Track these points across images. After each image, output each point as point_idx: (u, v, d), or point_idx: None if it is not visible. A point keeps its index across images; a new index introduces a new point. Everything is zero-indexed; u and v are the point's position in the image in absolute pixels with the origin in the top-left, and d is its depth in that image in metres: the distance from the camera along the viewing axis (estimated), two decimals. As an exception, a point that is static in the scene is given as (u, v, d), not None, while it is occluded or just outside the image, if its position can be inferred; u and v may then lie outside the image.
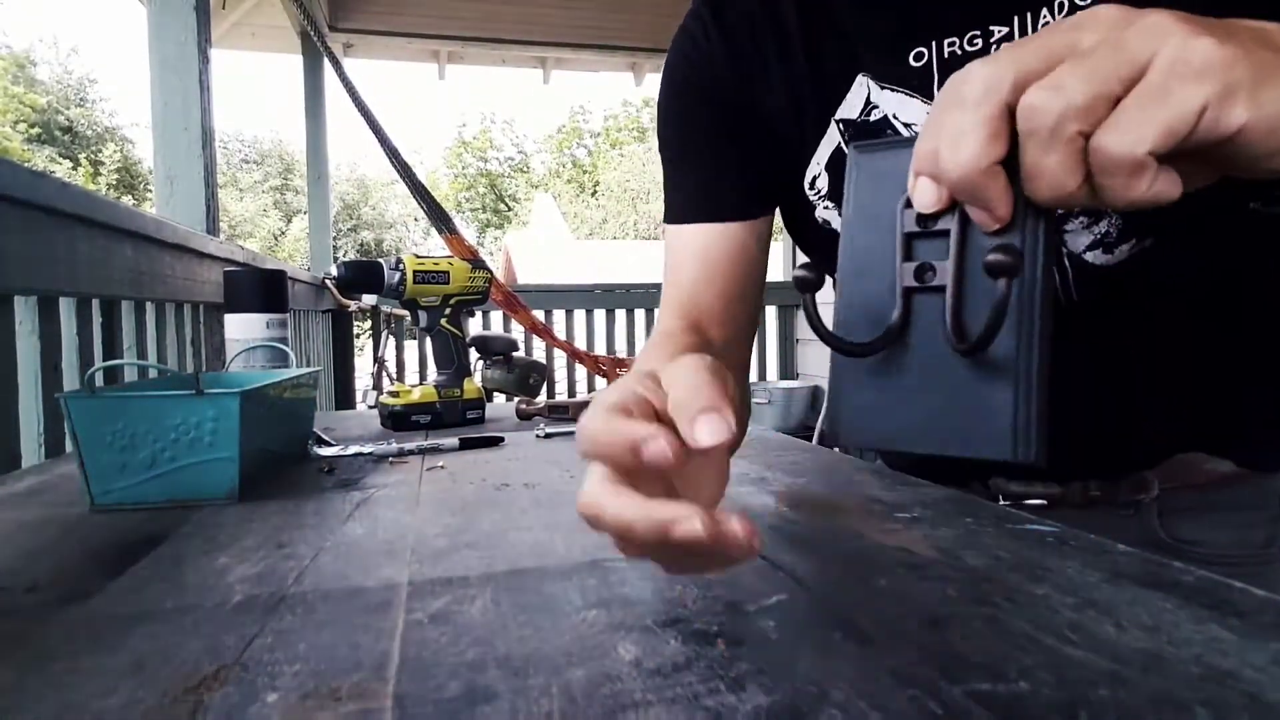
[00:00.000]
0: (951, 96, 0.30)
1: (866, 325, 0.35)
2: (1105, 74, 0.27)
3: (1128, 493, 0.61)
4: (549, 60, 4.46)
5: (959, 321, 0.32)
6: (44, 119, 19.99)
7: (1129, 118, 0.27)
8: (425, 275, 0.95)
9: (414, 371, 3.63)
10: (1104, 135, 0.28)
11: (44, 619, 0.34)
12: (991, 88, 0.29)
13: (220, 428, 0.55)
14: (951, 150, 0.30)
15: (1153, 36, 0.27)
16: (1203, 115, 0.27)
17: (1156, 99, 0.27)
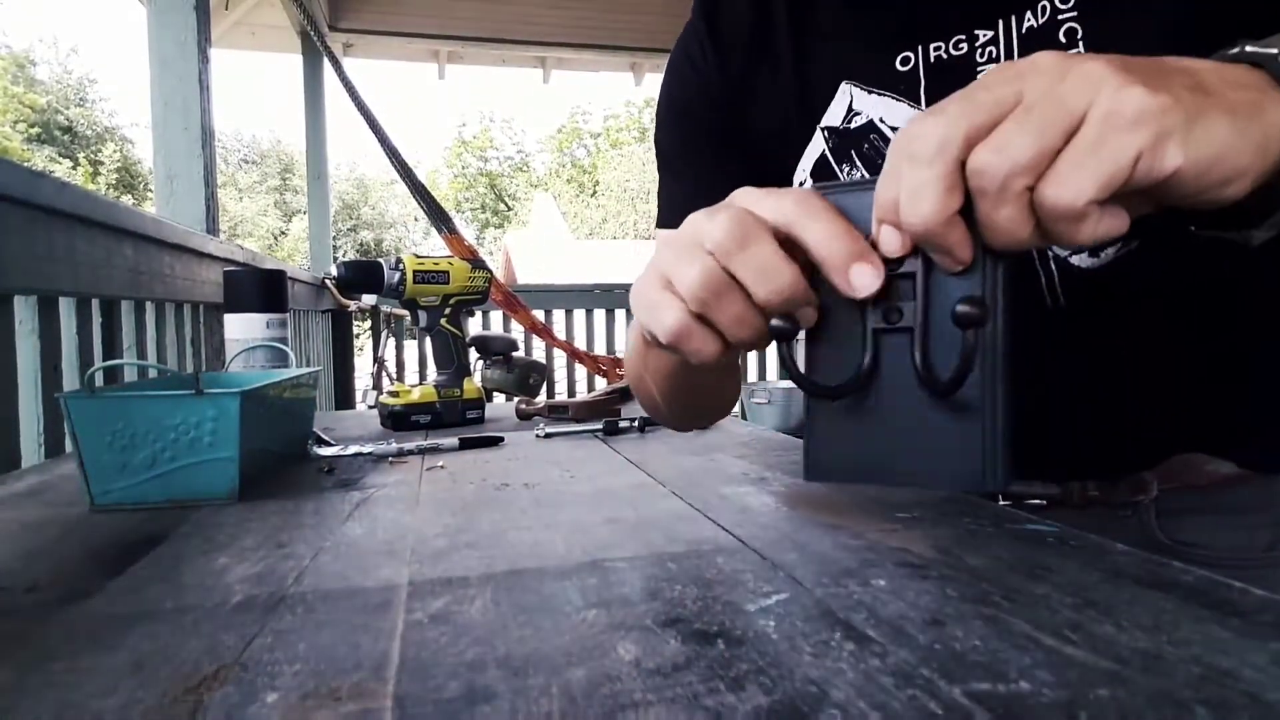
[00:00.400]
0: (905, 150, 0.32)
1: (837, 364, 0.37)
2: (1045, 130, 0.29)
3: (1126, 493, 0.61)
4: (549, 60, 4.46)
5: (927, 362, 0.35)
6: (44, 119, 19.99)
7: (1069, 171, 0.29)
8: (425, 275, 0.95)
9: (414, 371, 3.63)
10: (1047, 189, 0.30)
11: (44, 619, 0.34)
12: (944, 145, 0.31)
13: (220, 428, 0.55)
14: (912, 203, 0.32)
15: (1088, 87, 0.29)
16: (1138, 163, 0.28)
17: (1093, 151, 0.28)
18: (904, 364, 0.35)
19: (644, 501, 0.54)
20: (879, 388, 0.36)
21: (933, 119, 0.31)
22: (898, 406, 0.36)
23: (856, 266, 0.34)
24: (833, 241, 0.35)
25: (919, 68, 0.55)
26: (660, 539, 0.44)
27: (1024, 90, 0.30)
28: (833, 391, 0.36)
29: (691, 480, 0.60)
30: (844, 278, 0.35)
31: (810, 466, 0.38)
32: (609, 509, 0.52)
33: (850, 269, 0.34)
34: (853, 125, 0.58)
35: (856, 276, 0.35)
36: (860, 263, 0.34)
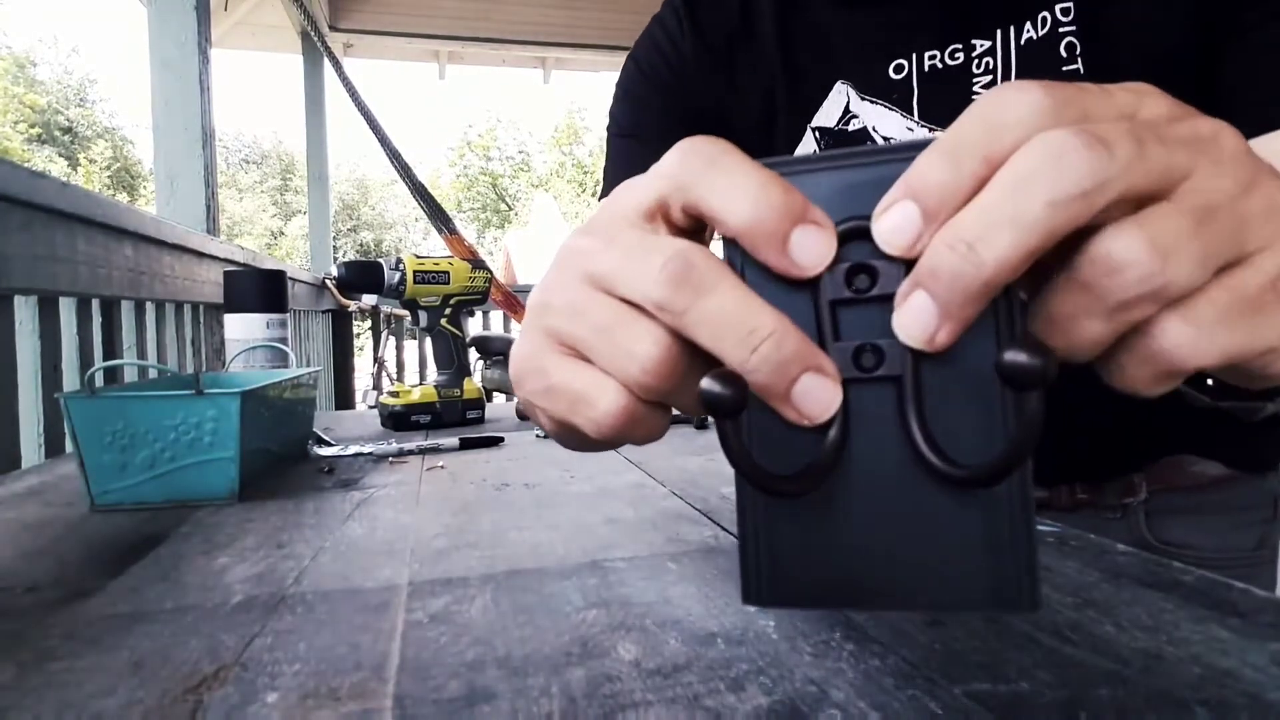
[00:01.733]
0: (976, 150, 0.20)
1: (783, 434, 0.23)
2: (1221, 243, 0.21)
3: (1115, 496, 0.61)
4: (549, 60, 4.46)
5: (929, 430, 0.22)
6: (44, 119, 20.00)
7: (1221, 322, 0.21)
8: (425, 275, 0.95)
9: (414, 371, 3.63)
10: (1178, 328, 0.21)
11: (44, 619, 0.34)
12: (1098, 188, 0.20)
13: (220, 428, 0.55)
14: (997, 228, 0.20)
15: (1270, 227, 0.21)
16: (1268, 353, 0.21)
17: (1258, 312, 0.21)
18: (887, 429, 0.23)
19: (644, 501, 0.54)
20: (851, 463, 0.23)
21: (1090, 150, 0.19)
22: (879, 493, 0.23)
23: (802, 233, 0.22)
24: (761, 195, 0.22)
25: (912, 76, 0.53)
26: (660, 539, 0.44)
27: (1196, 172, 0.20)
28: (793, 485, 0.23)
29: (691, 480, 0.60)
30: (781, 249, 0.22)
31: (752, 586, 0.24)
32: (609, 509, 0.52)
33: (794, 233, 0.22)
34: (849, 128, 0.57)
35: (801, 243, 0.22)
36: (806, 225, 0.22)
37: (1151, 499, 0.60)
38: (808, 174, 0.23)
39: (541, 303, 0.26)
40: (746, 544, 0.24)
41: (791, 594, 0.24)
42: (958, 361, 0.22)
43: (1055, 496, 0.63)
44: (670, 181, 0.23)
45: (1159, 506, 0.60)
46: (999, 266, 0.19)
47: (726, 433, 0.22)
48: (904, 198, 0.21)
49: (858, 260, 0.22)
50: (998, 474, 0.21)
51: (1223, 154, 0.21)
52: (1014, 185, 0.19)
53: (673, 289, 0.22)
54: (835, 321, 0.23)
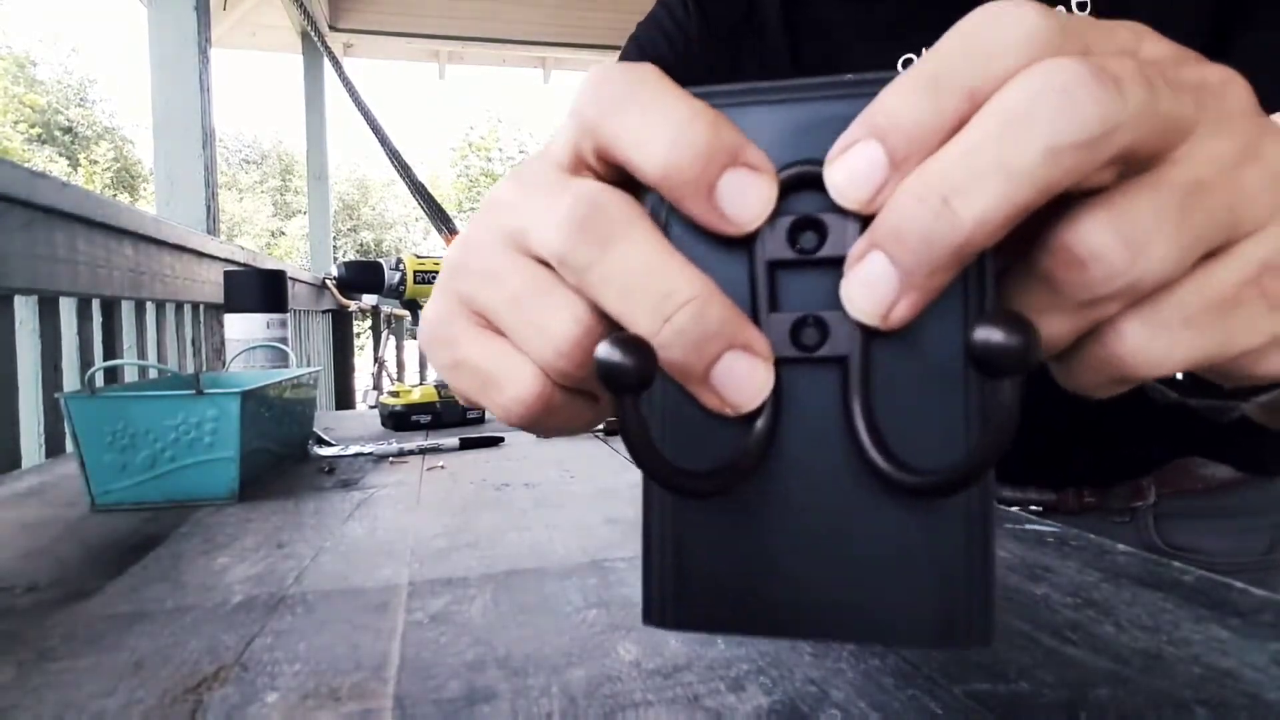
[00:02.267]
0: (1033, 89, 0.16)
1: (699, 423, 0.19)
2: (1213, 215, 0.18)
3: (1123, 499, 0.60)
4: (549, 60, 4.46)
5: (877, 426, 0.18)
6: (44, 119, 20.00)
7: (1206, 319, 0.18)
8: (426, 275, 0.95)
9: (414, 371, 3.63)
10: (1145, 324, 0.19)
11: (44, 619, 0.34)
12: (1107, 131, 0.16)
13: (220, 428, 0.55)
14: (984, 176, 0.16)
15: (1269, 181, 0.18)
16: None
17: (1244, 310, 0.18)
18: (828, 423, 0.19)
19: (644, 501, 0.54)
20: (781, 462, 0.19)
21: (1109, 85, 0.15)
22: (814, 500, 0.19)
23: (732, 175, 0.17)
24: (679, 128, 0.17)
25: None
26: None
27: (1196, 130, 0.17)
28: (709, 483, 0.19)
29: (691, 480, 0.60)
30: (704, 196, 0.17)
31: (654, 603, 0.21)
32: (609, 509, 0.52)
33: (721, 178, 0.17)
34: None
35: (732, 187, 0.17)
36: (738, 169, 0.17)
37: (1160, 503, 0.60)
38: (751, 106, 0.19)
39: (457, 262, 0.22)
40: (650, 554, 0.21)
41: (701, 616, 0.20)
42: (917, 343, 0.18)
43: (1062, 500, 0.62)
44: (580, 121, 0.19)
45: (1167, 510, 0.60)
46: (979, 227, 0.15)
47: (626, 413, 0.18)
48: (865, 138, 0.16)
49: (805, 214, 0.18)
50: (958, 482, 0.17)
51: (1230, 109, 0.18)
52: (1005, 125, 0.15)
53: (574, 239, 0.18)
54: (773, 287, 0.19)
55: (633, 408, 0.18)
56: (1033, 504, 0.62)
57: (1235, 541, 0.59)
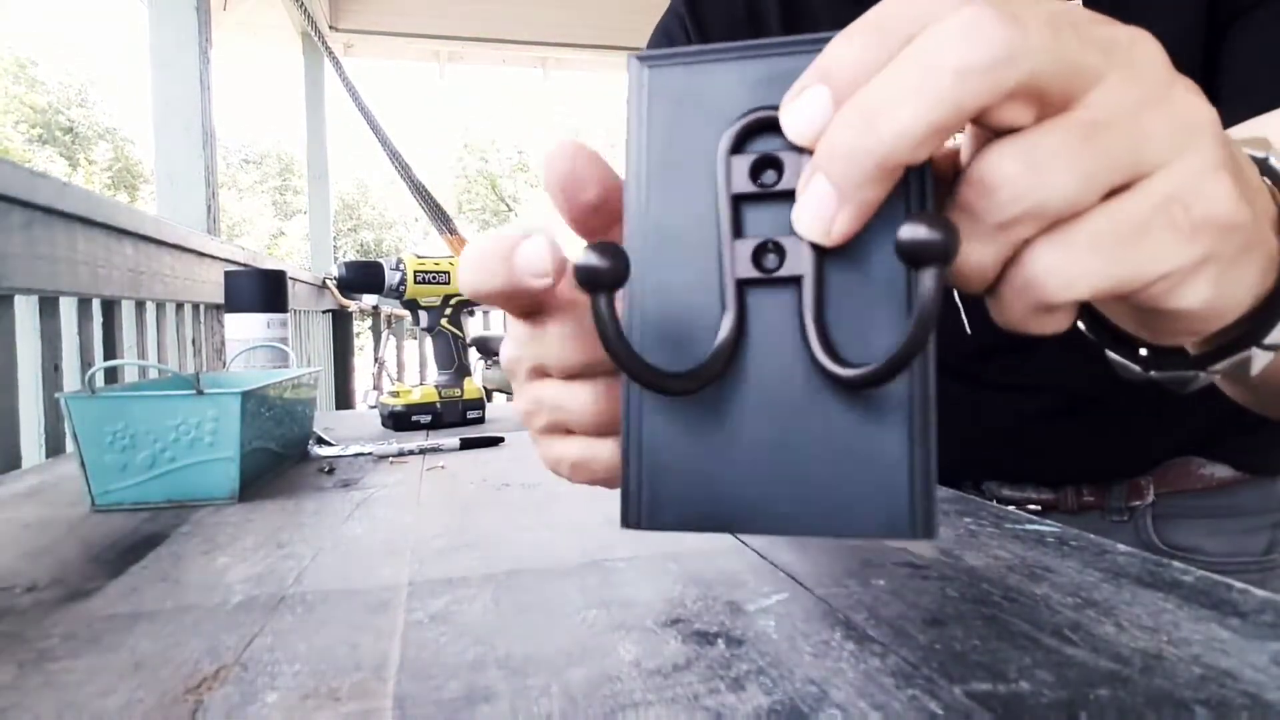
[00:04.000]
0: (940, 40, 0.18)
1: (672, 340, 0.22)
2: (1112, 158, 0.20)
3: (1121, 499, 0.61)
4: (549, 60, 4.46)
5: (827, 334, 0.21)
6: (45, 119, 19.99)
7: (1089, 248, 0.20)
8: (426, 275, 0.95)
9: (414, 371, 3.63)
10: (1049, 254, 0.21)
11: (44, 619, 0.34)
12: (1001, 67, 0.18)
13: (220, 428, 0.55)
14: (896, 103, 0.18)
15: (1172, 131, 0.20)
16: (1168, 276, 0.20)
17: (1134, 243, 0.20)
18: (786, 337, 0.21)
19: (644, 501, 0.54)
20: (744, 373, 0.22)
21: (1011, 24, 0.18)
22: (776, 407, 0.21)
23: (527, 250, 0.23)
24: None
25: None
26: (660, 539, 0.44)
27: (1104, 85, 0.19)
28: (680, 381, 0.21)
29: (692, 480, 0.60)
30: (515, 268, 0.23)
31: (632, 507, 0.23)
32: (609, 509, 0.52)
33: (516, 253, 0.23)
34: None
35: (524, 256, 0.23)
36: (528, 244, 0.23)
37: (1159, 502, 0.60)
38: (721, 63, 0.22)
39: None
40: (628, 461, 0.23)
41: (674, 516, 0.22)
42: (865, 261, 0.20)
43: (1061, 499, 0.63)
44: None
45: (1166, 510, 0.60)
46: (897, 140, 0.18)
47: (601, 312, 0.20)
48: (815, 82, 0.19)
49: (765, 152, 0.21)
50: (891, 369, 0.19)
51: (1137, 62, 0.20)
52: (919, 55, 0.18)
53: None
54: (738, 218, 0.21)
55: (608, 306, 0.20)
56: (1032, 503, 0.63)
57: (1234, 542, 0.59)
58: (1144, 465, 0.60)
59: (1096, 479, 0.62)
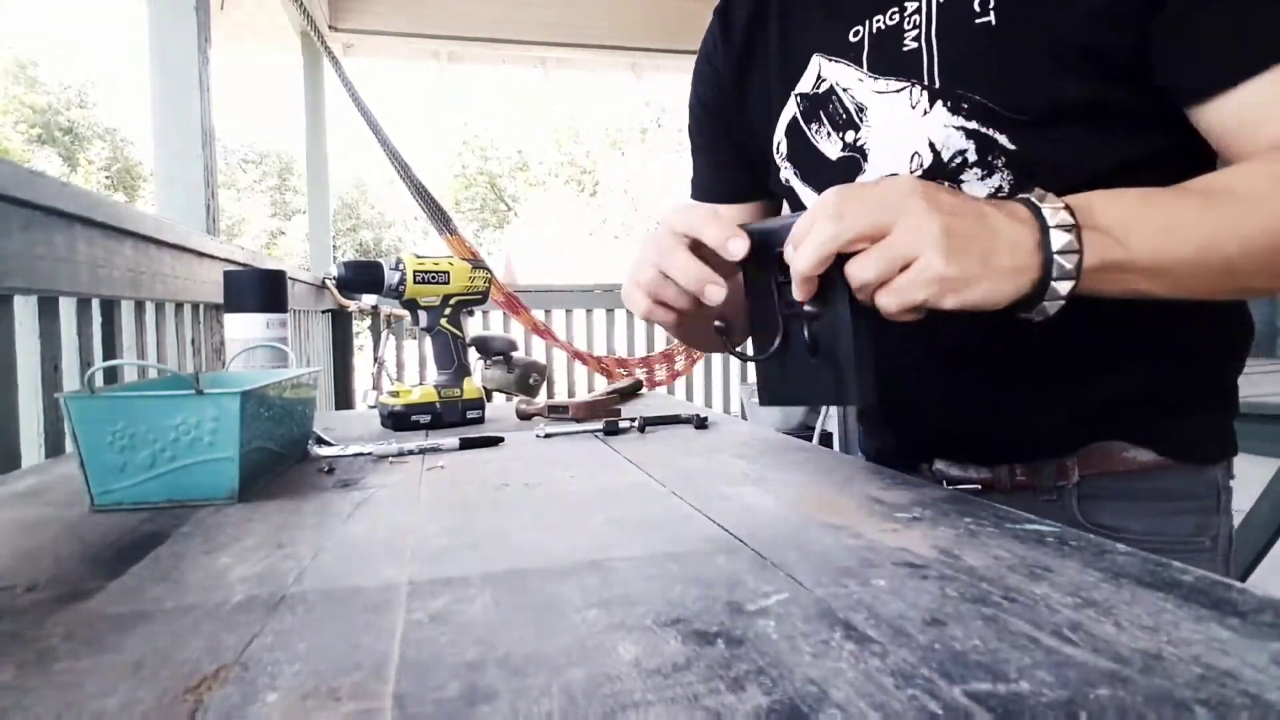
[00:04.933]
0: (806, 227, 0.48)
1: (765, 341, 0.56)
2: (888, 267, 0.46)
3: (1050, 478, 0.65)
4: (549, 60, 4.46)
5: (814, 334, 0.53)
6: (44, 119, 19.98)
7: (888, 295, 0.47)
8: (425, 275, 0.95)
9: (414, 371, 3.63)
10: (878, 296, 0.48)
11: (44, 619, 0.34)
12: (831, 240, 0.47)
13: (220, 428, 0.55)
14: (800, 258, 0.48)
15: (920, 243, 0.45)
16: (926, 301, 0.46)
17: (902, 291, 0.46)
18: (799, 334, 0.53)
19: (644, 501, 0.54)
20: (790, 348, 0.55)
21: (832, 222, 0.47)
22: (799, 359, 0.54)
23: (732, 241, 0.52)
24: (717, 234, 0.52)
25: (864, 38, 0.64)
26: (660, 539, 0.44)
27: (893, 228, 0.46)
28: (764, 358, 0.56)
29: (691, 480, 0.60)
30: (725, 249, 0.52)
31: (761, 396, 0.59)
32: (609, 509, 0.52)
33: (728, 243, 0.52)
34: (820, 90, 0.67)
35: (732, 246, 0.52)
36: (734, 239, 0.52)
37: (1084, 483, 0.64)
38: (770, 229, 0.53)
39: (635, 255, 0.59)
40: (759, 383, 0.59)
41: (776, 399, 0.57)
42: (828, 307, 0.51)
43: (997, 478, 0.68)
44: (689, 228, 0.55)
45: (1090, 491, 0.64)
46: (807, 265, 0.48)
47: (730, 346, 0.59)
48: (788, 245, 0.50)
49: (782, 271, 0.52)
50: (819, 352, 0.53)
51: (909, 211, 0.46)
52: (809, 234, 0.48)
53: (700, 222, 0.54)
54: (780, 291, 0.54)
55: (726, 336, 0.57)
56: (972, 482, 0.69)
57: (1158, 524, 0.63)
58: (1069, 445, 0.64)
59: (1026, 457, 0.66)
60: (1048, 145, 0.57)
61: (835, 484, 0.58)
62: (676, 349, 3.47)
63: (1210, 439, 0.65)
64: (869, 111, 0.63)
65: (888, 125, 0.62)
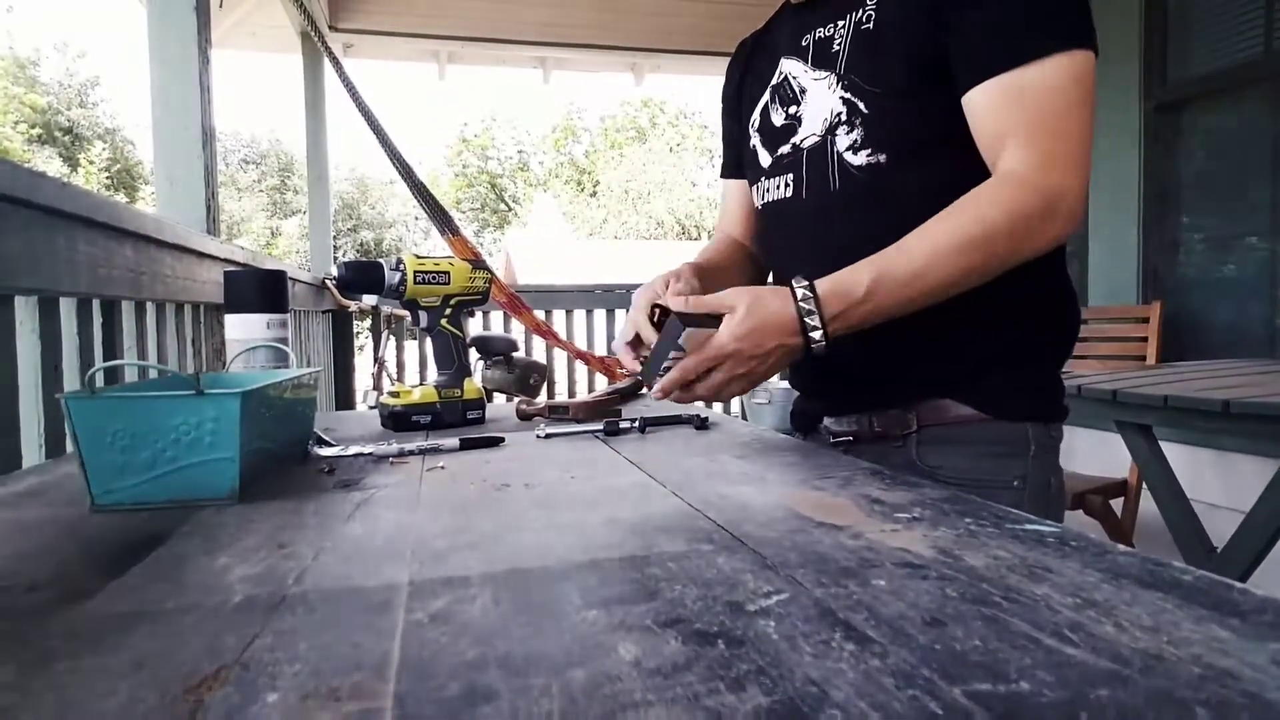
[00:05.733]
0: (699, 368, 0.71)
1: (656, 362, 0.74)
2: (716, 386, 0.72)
3: (897, 428, 0.83)
4: (549, 60, 4.45)
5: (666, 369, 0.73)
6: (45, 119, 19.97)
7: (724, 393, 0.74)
8: (426, 276, 0.95)
9: (414, 372, 3.63)
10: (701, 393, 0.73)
11: (44, 619, 0.34)
12: (706, 360, 0.71)
13: (220, 428, 0.55)
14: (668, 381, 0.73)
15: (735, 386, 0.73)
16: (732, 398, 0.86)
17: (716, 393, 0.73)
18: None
19: (644, 501, 0.54)
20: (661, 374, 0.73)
21: (709, 362, 0.71)
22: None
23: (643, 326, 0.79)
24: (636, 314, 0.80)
25: (810, 43, 0.87)
26: (660, 539, 0.44)
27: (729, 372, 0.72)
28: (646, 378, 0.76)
29: (691, 480, 0.60)
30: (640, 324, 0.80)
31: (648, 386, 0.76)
32: (609, 509, 0.52)
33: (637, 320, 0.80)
34: (779, 80, 0.90)
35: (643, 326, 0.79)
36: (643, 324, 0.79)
37: (921, 431, 0.82)
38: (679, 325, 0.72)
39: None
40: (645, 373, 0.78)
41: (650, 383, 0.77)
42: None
43: (861, 429, 0.86)
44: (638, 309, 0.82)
45: (926, 438, 0.81)
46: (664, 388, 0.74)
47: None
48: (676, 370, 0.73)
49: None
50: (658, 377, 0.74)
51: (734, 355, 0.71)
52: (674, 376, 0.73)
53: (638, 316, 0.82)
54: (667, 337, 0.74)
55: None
56: (847, 433, 0.87)
57: (971, 464, 0.79)
58: (910, 403, 0.82)
59: (877, 408, 0.84)
60: (890, 114, 0.78)
61: (835, 484, 0.58)
62: (677, 349, 3.46)
63: (1020, 402, 0.80)
64: (808, 93, 0.86)
65: (815, 101, 0.85)
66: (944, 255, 0.70)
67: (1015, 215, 0.69)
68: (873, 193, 0.79)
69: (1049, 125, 0.70)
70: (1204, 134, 2.60)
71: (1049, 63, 0.69)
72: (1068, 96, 0.70)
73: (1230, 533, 1.51)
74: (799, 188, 0.86)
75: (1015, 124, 0.70)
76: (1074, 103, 0.70)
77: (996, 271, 0.72)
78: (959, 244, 0.70)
